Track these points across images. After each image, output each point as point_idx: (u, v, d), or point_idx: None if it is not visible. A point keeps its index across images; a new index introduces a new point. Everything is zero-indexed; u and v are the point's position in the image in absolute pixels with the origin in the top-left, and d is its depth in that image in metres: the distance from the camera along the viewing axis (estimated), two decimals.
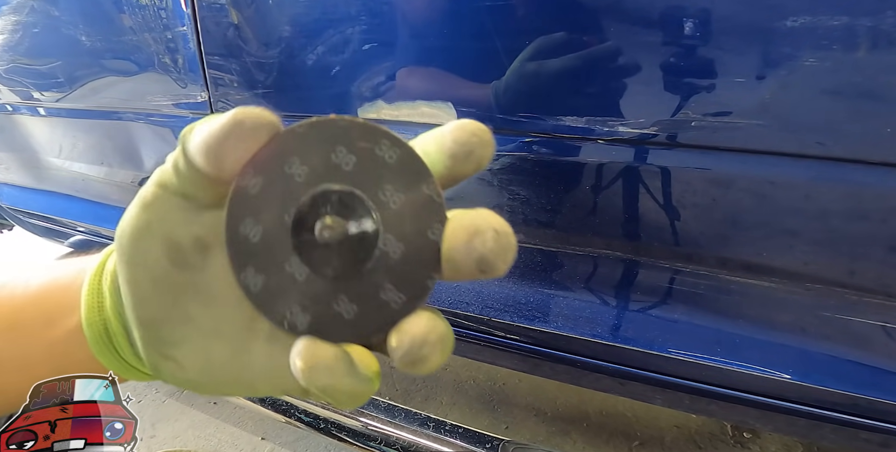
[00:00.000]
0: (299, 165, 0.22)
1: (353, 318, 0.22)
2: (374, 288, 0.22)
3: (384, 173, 0.22)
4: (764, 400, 0.57)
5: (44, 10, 0.82)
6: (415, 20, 0.55)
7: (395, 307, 0.22)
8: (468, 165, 0.23)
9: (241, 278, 0.22)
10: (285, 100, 0.67)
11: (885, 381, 0.50)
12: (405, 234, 0.22)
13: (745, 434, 1.14)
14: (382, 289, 0.22)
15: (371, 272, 0.22)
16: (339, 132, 0.22)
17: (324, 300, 0.22)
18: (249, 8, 0.63)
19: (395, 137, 0.22)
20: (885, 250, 0.45)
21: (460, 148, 0.22)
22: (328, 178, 0.22)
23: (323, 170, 0.22)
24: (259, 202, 0.22)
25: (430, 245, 0.22)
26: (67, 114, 0.95)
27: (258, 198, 0.22)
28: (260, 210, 0.22)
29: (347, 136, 0.22)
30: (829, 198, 0.45)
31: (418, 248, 0.22)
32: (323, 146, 0.22)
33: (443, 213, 0.22)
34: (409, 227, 0.22)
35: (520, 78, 0.51)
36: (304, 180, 0.22)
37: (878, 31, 0.38)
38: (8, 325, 0.28)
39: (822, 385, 0.52)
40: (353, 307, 0.22)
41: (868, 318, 0.50)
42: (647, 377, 0.62)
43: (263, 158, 0.22)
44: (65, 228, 1.20)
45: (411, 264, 0.22)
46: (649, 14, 0.44)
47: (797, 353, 0.53)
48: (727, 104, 0.44)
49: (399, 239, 0.22)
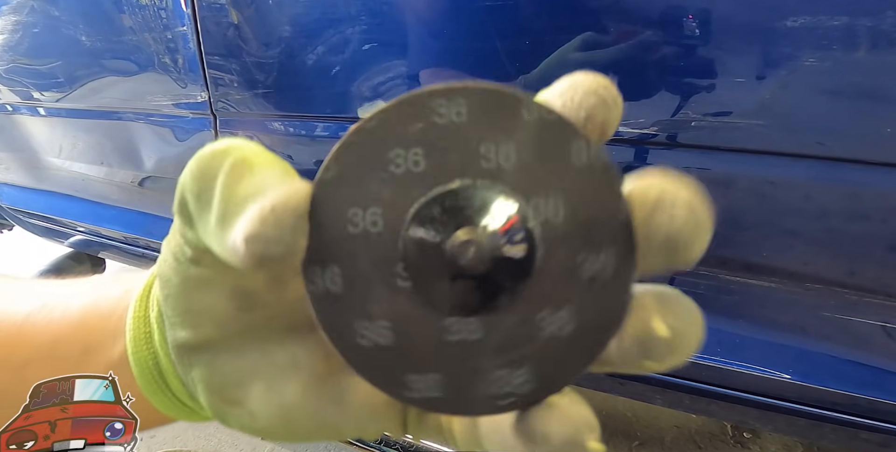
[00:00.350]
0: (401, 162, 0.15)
1: (520, 384, 0.16)
2: (537, 335, 0.16)
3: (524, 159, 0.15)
4: (764, 400, 0.57)
5: (44, 10, 0.82)
6: (415, 20, 0.55)
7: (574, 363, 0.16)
8: (588, 134, 0.16)
9: (337, 336, 0.16)
10: (285, 100, 0.67)
11: (885, 381, 0.50)
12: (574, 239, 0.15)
13: (745, 434, 1.14)
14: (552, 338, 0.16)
15: (527, 312, 0.16)
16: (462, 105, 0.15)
17: (467, 362, 0.16)
18: (249, 8, 0.63)
19: (527, 100, 0.16)
20: (885, 250, 0.45)
21: (574, 114, 0.16)
22: (448, 174, 0.15)
23: (443, 163, 0.15)
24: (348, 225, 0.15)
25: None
26: (67, 114, 0.95)
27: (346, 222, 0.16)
28: (352, 238, 0.15)
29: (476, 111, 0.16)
30: (829, 198, 0.45)
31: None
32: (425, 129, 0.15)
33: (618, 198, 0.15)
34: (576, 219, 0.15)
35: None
36: (415, 180, 0.15)
37: (878, 31, 0.38)
38: (45, 353, 0.25)
39: (822, 385, 0.52)
40: (512, 371, 0.16)
41: (868, 318, 0.50)
42: (647, 377, 0.62)
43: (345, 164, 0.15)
44: (65, 228, 1.20)
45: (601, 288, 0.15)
46: (649, 14, 0.44)
47: (797, 353, 0.53)
48: (727, 104, 0.44)
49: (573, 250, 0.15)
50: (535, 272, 0.15)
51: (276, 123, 0.70)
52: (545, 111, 0.15)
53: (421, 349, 0.16)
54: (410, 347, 0.16)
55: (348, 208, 0.15)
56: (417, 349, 0.16)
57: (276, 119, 0.70)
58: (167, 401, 0.23)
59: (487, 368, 0.16)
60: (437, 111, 0.15)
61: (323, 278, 0.16)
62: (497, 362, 0.16)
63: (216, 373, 0.20)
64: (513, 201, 0.15)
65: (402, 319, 0.16)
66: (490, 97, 0.16)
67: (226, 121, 0.75)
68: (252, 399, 0.20)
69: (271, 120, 0.70)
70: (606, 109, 0.16)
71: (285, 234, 0.14)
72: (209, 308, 0.19)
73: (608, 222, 0.15)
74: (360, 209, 0.15)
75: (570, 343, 0.16)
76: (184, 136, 0.81)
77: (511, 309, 0.16)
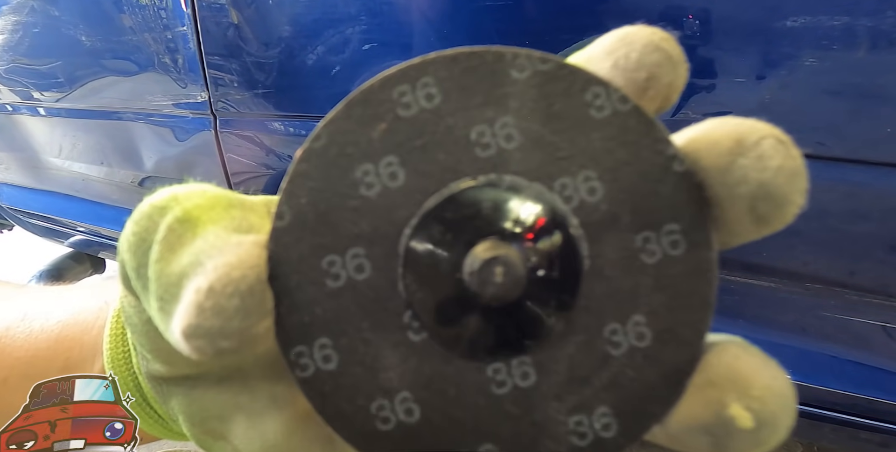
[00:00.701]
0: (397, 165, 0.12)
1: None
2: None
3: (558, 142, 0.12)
4: None
5: (44, 10, 0.82)
6: (415, 20, 0.55)
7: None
8: (648, 104, 0.12)
9: (350, 427, 0.12)
10: (285, 100, 0.67)
11: (885, 381, 0.50)
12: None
13: None
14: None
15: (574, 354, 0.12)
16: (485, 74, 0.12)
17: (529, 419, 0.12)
18: (249, 8, 0.63)
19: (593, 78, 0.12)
20: (885, 250, 0.45)
21: (632, 75, 0.12)
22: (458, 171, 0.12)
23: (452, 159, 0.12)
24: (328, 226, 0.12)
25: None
26: (67, 114, 0.95)
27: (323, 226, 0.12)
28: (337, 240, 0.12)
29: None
30: (829, 198, 0.45)
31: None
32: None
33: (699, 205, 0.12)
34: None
35: None
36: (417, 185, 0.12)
37: (878, 31, 0.38)
38: (23, 372, 0.23)
39: (822, 385, 0.52)
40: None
41: (868, 318, 0.50)
42: None
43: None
44: (65, 228, 1.20)
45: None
46: (649, 14, 0.45)
47: (797, 353, 0.53)
48: (727, 104, 0.44)
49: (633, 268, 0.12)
50: (585, 276, 0.11)
51: (276, 123, 0.70)
52: (539, 62, 0.12)
53: (463, 417, 0.12)
54: (448, 418, 0.12)
55: (321, 259, 0.12)
56: (458, 419, 0.12)
57: (276, 119, 0.70)
58: (152, 423, 0.21)
59: (556, 419, 0.12)
60: (400, 102, 0.12)
61: (311, 357, 0.12)
62: (567, 407, 0.12)
63: (195, 405, 0.18)
64: (532, 191, 0.12)
65: (428, 383, 0.12)
66: (463, 65, 0.12)
67: (226, 121, 0.75)
68: (235, 434, 0.18)
69: (271, 120, 0.70)
70: (673, 67, 0.12)
71: (231, 322, 0.11)
72: (178, 350, 0.16)
73: (663, 185, 0.11)
74: (336, 256, 0.12)
75: (657, 355, 0.12)
76: (184, 136, 0.81)
77: (567, 332, 0.12)
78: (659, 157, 0.11)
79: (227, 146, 0.77)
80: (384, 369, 0.12)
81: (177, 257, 0.12)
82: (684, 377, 0.12)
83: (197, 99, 0.74)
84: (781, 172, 0.11)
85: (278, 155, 0.73)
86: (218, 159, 0.79)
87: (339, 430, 0.12)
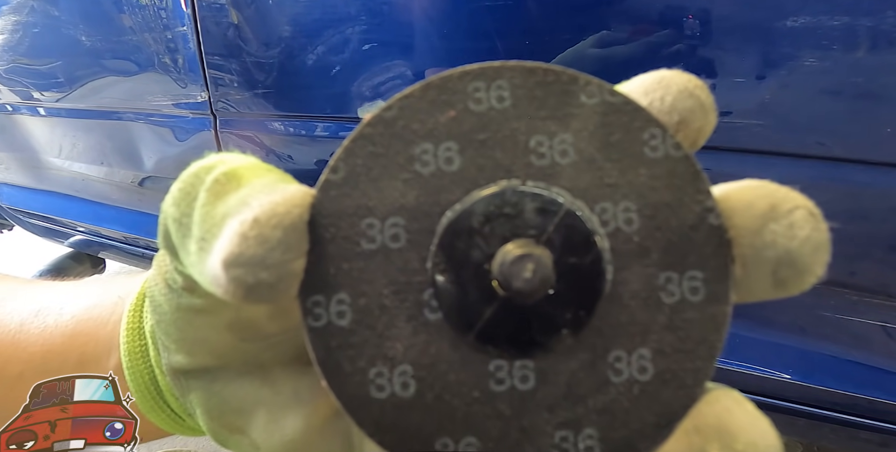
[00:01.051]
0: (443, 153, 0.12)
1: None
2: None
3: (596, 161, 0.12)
4: (764, 400, 0.57)
5: (44, 10, 0.82)
6: (415, 20, 0.55)
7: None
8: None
9: (342, 385, 0.12)
10: (285, 100, 0.67)
11: (885, 381, 0.50)
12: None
13: None
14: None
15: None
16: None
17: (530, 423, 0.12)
18: (249, 8, 0.63)
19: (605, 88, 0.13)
20: (885, 250, 0.45)
21: (665, 117, 0.13)
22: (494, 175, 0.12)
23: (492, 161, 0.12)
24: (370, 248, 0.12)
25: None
26: (67, 114, 0.95)
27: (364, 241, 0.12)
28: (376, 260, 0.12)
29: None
30: (829, 198, 0.45)
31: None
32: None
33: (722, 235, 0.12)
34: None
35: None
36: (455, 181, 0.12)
37: (878, 31, 0.38)
38: (38, 366, 0.24)
39: (822, 385, 0.52)
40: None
41: (868, 318, 0.50)
42: None
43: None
44: (65, 228, 1.20)
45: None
46: (649, 13, 0.45)
47: (797, 353, 0.53)
48: (727, 104, 0.44)
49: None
50: (605, 298, 0.12)
51: (276, 123, 0.70)
52: (608, 93, 0.12)
53: (455, 403, 0.12)
54: (441, 401, 0.12)
55: (362, 219, 0.12)
56: (450, 405, 0.12)
57: (276, 119, 0.70)
58: (165, 418, 0.22)
59: (543, 429, 0.12)
60: (473, 96, 0.12)
61: (327, 309, 0.12)
62: (556, 420, 0.12)
63: (215, 398, 0.18)
64: (574, 207, 0.12)
65: (431, 363, 0.12)
66: (538, 78, 0.13)
67: (226, 121, 0.75)
68: (254, 428, 0.18)
69: (271, 120, 0.70)
70: (704, 114, 0.13)
71: (273, 253, 0.11)
72: (205, 339, 0.17)
73: (696, 233, 0.12)
74: (376, 220, 0.12)
75: (654, 393, 0.12)
76: (184, 136, 0.81)
77: (575, 348, 0.12)
78: (698, 206, 0.12)
79: (227, 146, 0.77)
80: (393, 338, 0.12)
81: (222, 202, 0.12)
82: (675, 419, 0.12)
83: (197, 99, 0.74)
84: (808, 242, 0.12)
85: (278, 155, 0.73)
86: None
87: (333, 387, 0.12)
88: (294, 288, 0.12)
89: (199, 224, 0.13)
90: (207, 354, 0.17)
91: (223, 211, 0.12)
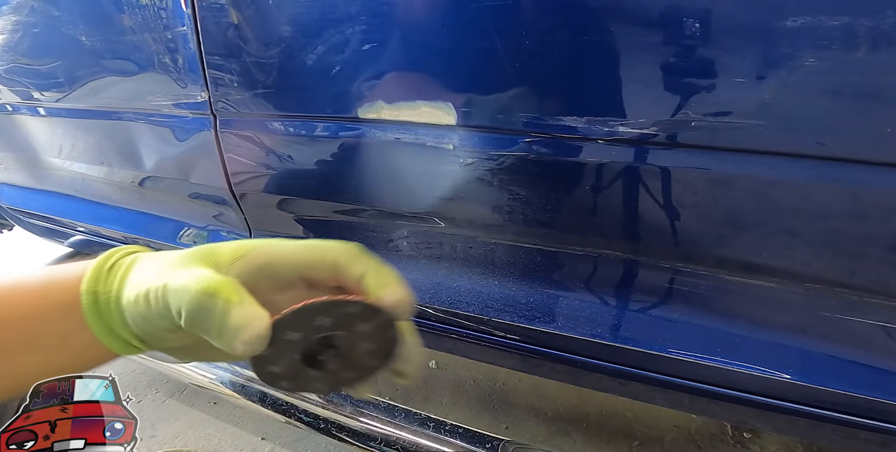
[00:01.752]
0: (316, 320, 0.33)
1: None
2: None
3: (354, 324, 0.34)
4: (764, 400, 0.57)
5: (44, 10, 0.82)
6: (415, 20, 0.55)
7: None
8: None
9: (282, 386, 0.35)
10: (285, 100, 0.67)
11: (885, 381, 0.50)
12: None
13: (745, 434, 1.14)
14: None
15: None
16: (332, 307, 0.33)
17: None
18: (249, 8, 0.63)
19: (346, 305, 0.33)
20: (885, 250, 0.45)
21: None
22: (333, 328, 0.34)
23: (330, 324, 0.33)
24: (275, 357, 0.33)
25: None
26: (67, 114, 0.95)
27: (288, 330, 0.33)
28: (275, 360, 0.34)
29: (334, 310, 0.33)
30: (829, 198, 0.45)
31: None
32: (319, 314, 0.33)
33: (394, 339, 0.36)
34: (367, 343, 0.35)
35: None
36: (321, 326, 0.33)
37: (878, 31, 0.38)
38: (8, 288, 0.33)
39: (822, 385, 0.52)
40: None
41: (868, 318, 0.50)
42: (647, 377, 0.62)
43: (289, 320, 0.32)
44: (65, 228, 1.20)
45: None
46: (649, 13, 0.44)
47: (797, 353, 0.53)
48: (727, 104, 0.44)
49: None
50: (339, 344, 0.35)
51: (276, 123, 0.70)
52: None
53: (308, 388, 0.36)
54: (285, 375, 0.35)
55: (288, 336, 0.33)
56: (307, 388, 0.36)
57: (276, 119, 0.70)
58: (109, 335, 0.33)
59: (348, 378, 0.37)
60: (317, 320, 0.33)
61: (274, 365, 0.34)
62: (352, 373, 0.36)
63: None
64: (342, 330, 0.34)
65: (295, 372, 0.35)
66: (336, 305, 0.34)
67: (226, 121, 0.75)
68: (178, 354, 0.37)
69: (271, 120, 0.70)
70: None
71: (261, 344, 0.31)
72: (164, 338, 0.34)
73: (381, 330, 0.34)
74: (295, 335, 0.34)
75: (370, 363, 0.36)
76: (184, 136, 0.81)
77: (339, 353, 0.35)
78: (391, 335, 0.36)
79: (227, 146, 0.77)
80: (280, 365, 0.34)
81: (231, 317, 0.30)
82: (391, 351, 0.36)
83: (197, 99, 0.74)
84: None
85: (278, 155, 0.73)
86: (218, 159, 0.79)
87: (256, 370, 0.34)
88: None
89: (223, 327, 0.31)
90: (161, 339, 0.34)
91: (235, 325, 0.31)
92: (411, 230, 0.72)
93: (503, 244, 0.66)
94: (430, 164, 0.62)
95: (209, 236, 0.97)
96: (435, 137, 0.60)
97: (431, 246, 0.72)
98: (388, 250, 0.76)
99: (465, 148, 0.59)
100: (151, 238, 1.02)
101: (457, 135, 0.59)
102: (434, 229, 0.70)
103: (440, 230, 0.69)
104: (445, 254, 0.71)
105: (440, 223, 0.68)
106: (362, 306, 0.32)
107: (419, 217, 0.69)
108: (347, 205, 0.73)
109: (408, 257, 0.75)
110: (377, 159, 0.66)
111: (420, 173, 0.64)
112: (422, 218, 0.69)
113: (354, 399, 0.87)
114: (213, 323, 0.29)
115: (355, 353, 0.34)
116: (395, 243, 0.75)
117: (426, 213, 0.67)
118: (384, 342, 0.34)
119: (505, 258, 0.67)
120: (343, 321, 0.33)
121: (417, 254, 0.74)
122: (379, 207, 0.70)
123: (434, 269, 0.73)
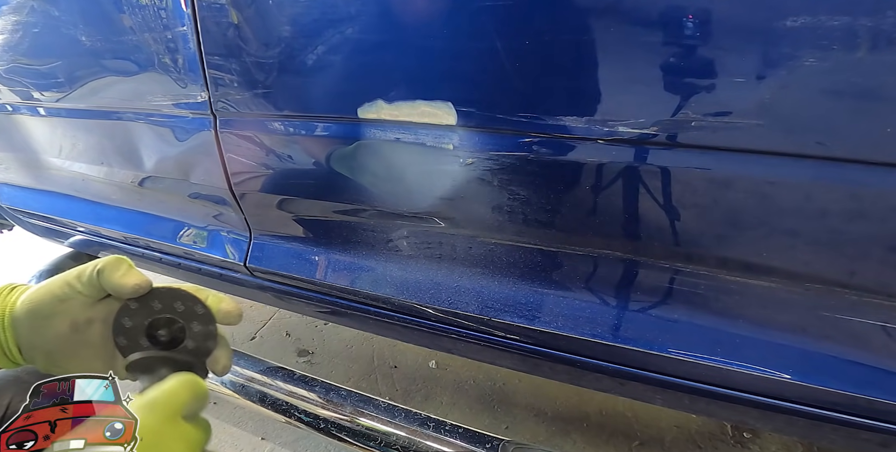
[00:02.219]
0: (157, 302, 0.44)
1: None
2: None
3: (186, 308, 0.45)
4: (764, 400, 0.57)
5: (44, 10, 0.82)
6: (415, 20, 0.55)
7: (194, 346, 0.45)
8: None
9: (118, 341, 0.44)
10: (285, 100, 0.67)
11: (885, 381, 0.50)
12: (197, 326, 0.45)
13: (745, 434, 1.14)
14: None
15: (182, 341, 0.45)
16: (171, 293, 0.44)
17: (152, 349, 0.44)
18: (249, 8, 0.63)
19: (190, 298, 0.45)
20: (885, 250, 0.45)
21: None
22: (163, 311, 0.44)
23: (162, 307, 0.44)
24: (133, 313, 0.44)
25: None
26: (67, 114, 0.95)
27: (133, 311, 0.44)
28: (132, 315, 0.44)
29: (171, 296, 0.44)
30: (829, 198, 0.45)
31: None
32: (163, 298, 0.44)
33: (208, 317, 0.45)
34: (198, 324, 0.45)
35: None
36: (158, 309, 0.44)
37: (878, 31, 0.38)
38: None
39: (822, 385, 0.52)
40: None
41: (868, 318, 0.50)
42: (647, 377, 0.62)
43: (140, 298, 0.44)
44: (65, 228, 1.20)
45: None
46: (649, 13, 0.44)
47: (797, 353, 0.53)
48: (727, 104, 0.44)
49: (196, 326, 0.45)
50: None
51: (276, 123, 0.70)
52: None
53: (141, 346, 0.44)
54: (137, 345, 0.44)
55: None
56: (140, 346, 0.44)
57: (276, 119, 0.70)
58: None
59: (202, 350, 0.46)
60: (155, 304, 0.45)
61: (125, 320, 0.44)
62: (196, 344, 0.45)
63: (49, 360, 0.43)
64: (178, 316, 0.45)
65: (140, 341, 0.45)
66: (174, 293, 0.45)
67: (226, 121, 0.75)
68: (66, 369, 0.42)
69: (271, 120, 0.70)
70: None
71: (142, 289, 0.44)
72: (55, 328, 0.43)
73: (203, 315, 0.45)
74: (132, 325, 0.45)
75: (202, 344, 0.45)
76: (184, 136, 0.81)
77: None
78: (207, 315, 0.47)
79: (227, 146, 0.77)
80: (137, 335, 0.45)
81: (127, 276, 0.45)
82: (213, 335, 0.46)
83: (197, 99, 0.74)
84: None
85: (278, 155, 0.73)
86: (218, 159, 0.79)
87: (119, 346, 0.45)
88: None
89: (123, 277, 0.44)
90: (51, 337, 0.43)
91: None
92: (411, 230, 0.72)
93: (503, 244, 0.66)
94: (430, 164, 0.62)
95: (209, 236, 0.97)
96: (435, 137, 0.60)
97: (431, 246, 0.72)
98: (388, 250, 0.76)
99: (465, 148, 0.59)
100: (151, 238, 1.03)
101: (457, 135, 0.59)
102: (434, 229, 0.70)
103: (440, 230, 0.69)
104: (445, 254, 0.71)
105: (440, 223, 0.68)
106: (207, 311, 0.45)
107: (419, 217, 0.69)
108: (347, 205, 0.73)
109: (408, 257, 0.75)
110: (377, 159, 0.66)
111: (420, 172, 0.64)
112: (422, 218, 0.69)
113: (355, 399, 0.87)
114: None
115: (181, 345, 0.44)
116: (395, 243, 0.75)
117: (426, 213, 0.67)
118: (204, 345, 0.45)
119: (505, 258, 0.67)
120: (189, 314, 0.44)
121: (417, 254, 0.74)
122: (379, 207, 0.70)
123: (434, 269, 0.73)
